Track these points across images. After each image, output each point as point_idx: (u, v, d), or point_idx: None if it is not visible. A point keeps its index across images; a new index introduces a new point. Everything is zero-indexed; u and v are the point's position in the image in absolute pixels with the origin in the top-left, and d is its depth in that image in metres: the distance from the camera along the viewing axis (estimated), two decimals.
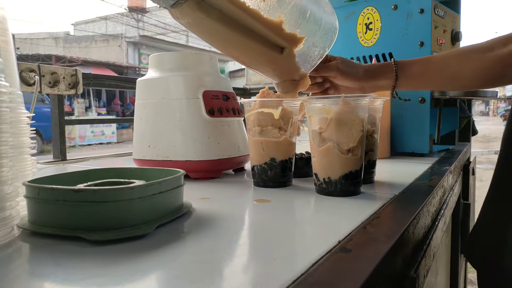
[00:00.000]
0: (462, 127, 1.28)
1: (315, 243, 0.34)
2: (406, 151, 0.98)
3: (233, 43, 0.55)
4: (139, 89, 0.73)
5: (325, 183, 0.54)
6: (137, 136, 0.73)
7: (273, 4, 0.54)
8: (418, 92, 0.95)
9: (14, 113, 0.40)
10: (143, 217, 0.37)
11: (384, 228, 0.38)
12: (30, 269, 0.30)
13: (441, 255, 0.81)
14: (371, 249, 0.32)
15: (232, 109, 0.74)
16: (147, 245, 0.34)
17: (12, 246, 0.34)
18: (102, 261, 0.31)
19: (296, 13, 0.57)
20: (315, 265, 0.29)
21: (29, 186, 0.37)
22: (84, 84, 1.04)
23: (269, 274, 0.28)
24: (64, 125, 1.04)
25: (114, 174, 0.49)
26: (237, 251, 0.33)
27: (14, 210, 0.36)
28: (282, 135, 0.60)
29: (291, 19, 0.57)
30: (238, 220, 0.44)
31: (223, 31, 0.52)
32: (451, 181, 0.78)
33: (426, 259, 0.46)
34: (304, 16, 0.58)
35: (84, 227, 0.35)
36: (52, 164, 0.97)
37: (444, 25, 0.98)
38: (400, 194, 0.53)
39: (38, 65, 0.90)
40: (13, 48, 0.45)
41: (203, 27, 0.52)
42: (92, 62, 11.19)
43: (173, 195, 0.42)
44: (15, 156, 0.39)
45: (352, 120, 0.53)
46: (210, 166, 0.68)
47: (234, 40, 0.54)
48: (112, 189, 0.36)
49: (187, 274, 0.28)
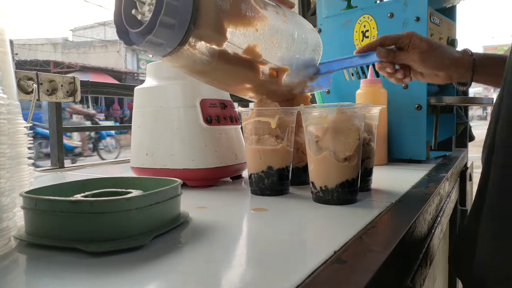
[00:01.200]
0: (459, 133, 1.28)
1: (311, 253, 0.34)
2: (403, 157, 0.99)
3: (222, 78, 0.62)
4: (137, 97, 0.74)
5: (321, 192, 0.54)
6: (135, 144, 0.73)
7: (265, 33, 0.59)
8: (415, 99, 0.95)
9: (12, 124, 0.40)
10: (140, 228, 0.37)
11: (380, 238, 0.38)
12: (27, 281, 0.31)
13: (439, 261, 0.82)
14: (367, 260, 0.32)
15: (230, 117, 0.74)
16: (144, 256, 0.34)
17: (9, 257, 0.34)
18: (99, 272, 0.31)
19: (286, 36, 0.61)
20: (311, 277, 0.29)
21: (26, 197, 0.37)
22: (82, 91, 1.04)
23: (264, 285, 0.28)
24: (62, 132, 1.04)
25: (112, 184, 0.49)
26: (233, 261, 0.34)
27: (11, 221, 0.36)
28: (279, 144, 0.60)
29: (282, 42, 0.62)
30: (234, 229, 0.44)
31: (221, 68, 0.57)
32: (448, 188, 0.78)
33: (422, 268, 0.46)
34: (293, 38, 0.62)
35: (81, 238, 0.35)
36: (50, 172, 0.97)
37: (440, 33, 0.99)
38: (396, 202, 0.54)
39: (36, 73, 0.90)
40: (11, 59, 0.45)
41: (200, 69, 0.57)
42: (90, 68, 11.21)
43: (170, 205, 0.42)
44: (12, 167, 0.39)
45: (349, 129, 0.53)
46: (208, 174, 0.68)
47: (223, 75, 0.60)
48: (109, 200, 0.36)
49: (184, 285, 0.28)
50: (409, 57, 0.64)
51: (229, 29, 0.53)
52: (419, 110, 0.95)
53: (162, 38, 0.49)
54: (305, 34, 0.67)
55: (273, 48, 0.61)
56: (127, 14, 0.52)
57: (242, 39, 0.56)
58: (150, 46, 0.51)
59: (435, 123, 1.00)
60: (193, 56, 0.53)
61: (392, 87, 0.97)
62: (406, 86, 0.97)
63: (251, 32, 0.56)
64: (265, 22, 0.58)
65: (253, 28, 0.56)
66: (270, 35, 0.59)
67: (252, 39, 0.57)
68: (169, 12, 0.48)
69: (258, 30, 0.57)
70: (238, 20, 0.54)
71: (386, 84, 0.97)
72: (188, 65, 0.56)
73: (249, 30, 0.56)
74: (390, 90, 0.97)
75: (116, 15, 0.53)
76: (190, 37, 0.50)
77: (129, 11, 0.52)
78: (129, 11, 0.52)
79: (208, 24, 0.51)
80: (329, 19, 1.09)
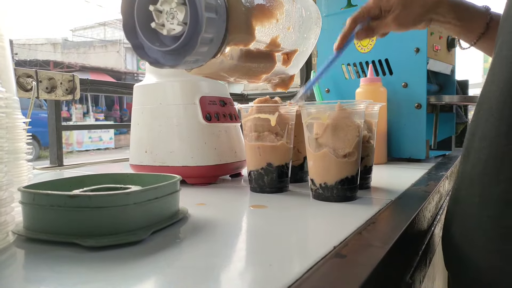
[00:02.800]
0: (459, 132, 1.28)
1: (311, 249, 0.34)
2: (403, 156, 0.99)
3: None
4: (136, 94, 0.74)
5: (321, 189, 0.54)
6: (134, 142, 0.73)
7: (284, 21, 0.56)
8: (414, 98, 0.95)
9: (10, 118, 0.40)
10: (138, 223, 0.37)
11: (380, 234, 0.38)
12: (25, 275, 0.30)
13: (438, 261, 0.81)
14: (366, 254, 0.32)
15: (229, 115, 0.74)
16: (143, 251, 0.34)
17: (7, 252, 0.34)
18: (97, 266, 0.31)
19: (298, 18, 0.59)
20: (310, 271, 0.29)
21: (24, 192, 0.37)
22: (81, 89, 1.04)
23: (264, 280, 0.28)
24: (61, 130, 1.04)
25: (110, 180, 0.49)
26: (232, 256, 0.33)
27: (9, 216, 0.36)
28: (279, 141, 0.60)
29: (296, 25, 0.60)
30: (233, 225, 0.44)
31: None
32: (448, 187, 0.78)
33: (422, 265, 0.46)
34: (302, 17, 0.60)
35: (79, 233, 0.35)
36: (49, 169, 0.97)
37: (439, 31, 0.99)
38: (396, 200, 0.53)
39: (35, 70, 0.90)
40: (10, 53, 0.45)
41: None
42: (90, 68, 11.21)
43: (168, 200, 0.42)
44: (10, 161, 0.39)
45: (348, 126, 0.53)
46: (207, 171, 0.68)
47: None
48: (107, 195, 0.36)
49: (182, 279, 0.28)
50: (387, 26, 0.59)
51: (257, 27, 0.50)
52: (419, 109, 0.95)
53: (199, 55, 0.45)
54: (309, 8, 0.65)
55: (289, 34, 0.59)
56: (142, 25, 0.46)
57: (266, 33, 0.53)
58: (183, 65, 0.46)
59: (435, 122, 1.00)
60: (221, 62, 0.50)
61: (392, 86, 0.97)
62: (406, 85, 0.96)
63: (273, 25, 0.54)
64: (282, 9, 0.55)
65: (275, 19, 0.54)
66: (287, 22, 0.57)
67: (274, 31, 0.55)
68: (209, 27, 0.43)
69: (278, 20, 0.54)
70: (264, 16, 0.51)
71: (386, 83, 0.97)
72: (214, 72, 0.53)
73: (272, 23, 0.53)
74: (389, 89, 0.97)
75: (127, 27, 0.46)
76: (224, 45, 0.47)
77: (144, 20, 0.46)
78: (143, 20, 0.46)
79: (240, 28, 0.48)
80: (329, 17, 1.09)
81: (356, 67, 1.07)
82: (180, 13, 0.44)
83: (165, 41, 0.47)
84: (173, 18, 0.44)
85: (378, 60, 1.01)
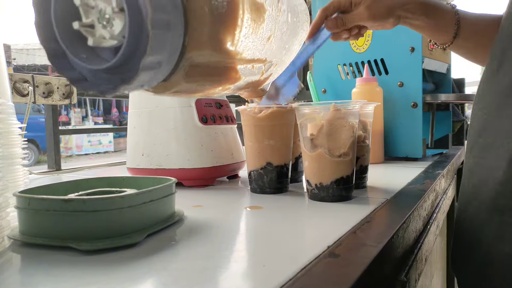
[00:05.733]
0: (456, 131, 1.29)
1: (305, 249, 0.34)
2: (399, 155, 0.99)
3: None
4: (132, 98, 0.74)
5: (317, 189, 0.54)
6: (130, 145, 0.73)
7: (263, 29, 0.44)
8: (410, 97, 0.96)
9: (5, 123, 0.40)
10: (133, 226, 0.37)
11: (374, 233, 0.39)
12: (21, 279, 0.30)
13: (436, 258, 0.82)
14: (360, 253, 0.32)
15: (225, 117, 0.74)
16: (137, 254, 0.34)
17: (2, 257, 0.34)
18: (92, 270, 0.31)
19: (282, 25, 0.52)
20: (303, 270, 0.29)
21: (19, 197, 0.37)
22: (78, 94, 1.04)
23: (257, 280, 0.28)
24: (59, 135, 1.04)
25: (106, 183, 0.49)
26: (227, 258, 0.34)
27: (4, 221, 0.36)
28: (278, 141, 0.60)
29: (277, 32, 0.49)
30: (229, 227, 0.44)
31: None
32: (444, 185, 0.78)
33: (417, 263, 0.46)
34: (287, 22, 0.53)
35: (74, 237, 0.35)
36: (46, 174, 0.97)
37: None
38: (392, 199, 0.54)
39: (32, 75, 0.90)
40: (4, 58, 0.45)
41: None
42: None
43: (164, 203, 0.42)
44: (5, 166, 0.40)
45: (343, 126, 0.54)
46: (204, 173, 0.68)
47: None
48: (102, 199, 0.36)
49: (178, 282, 0.28)
50: (358, 17, 0.60)
51: (228, 41, 0.38)
52: (415, 108, 0.95)
53: (141, 82, 0.33)
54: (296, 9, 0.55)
55: (268, 45, 0.48)
56: (62, 24, 0.32)
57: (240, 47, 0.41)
58: (122, 90, 0.32)
59: (431, 121, 1.01)
60: (181, 81, 0.38)
61: (388, 86, 0.98)
62: (402, 84, 0.97)
63: (249, 36, 0.42)
64: (263, 16, 0.43)
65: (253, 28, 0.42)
66: (267, 31, 0.45)
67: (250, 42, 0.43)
68: (156, 48, 0.30)
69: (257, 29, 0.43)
70: (236, 25, 0.39)
71: (382, 82, 0.97)
72: (179, 91, 0.41)
73: (248, 33, 0.41)
74: (385, 88, 0.97)
75: (41, 24, 0.32)
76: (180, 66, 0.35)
77: (66, 20, 0.31)
78: (66, 20, 0.31)
79: (203, 44, 0.36)
80: None
81: (352, 67, 1.07)
82: (117, 22, 0.30)
83: (100, 52, 0.33)
84: (108, 22, 0.31)
85: (373, 60, 1.01)
